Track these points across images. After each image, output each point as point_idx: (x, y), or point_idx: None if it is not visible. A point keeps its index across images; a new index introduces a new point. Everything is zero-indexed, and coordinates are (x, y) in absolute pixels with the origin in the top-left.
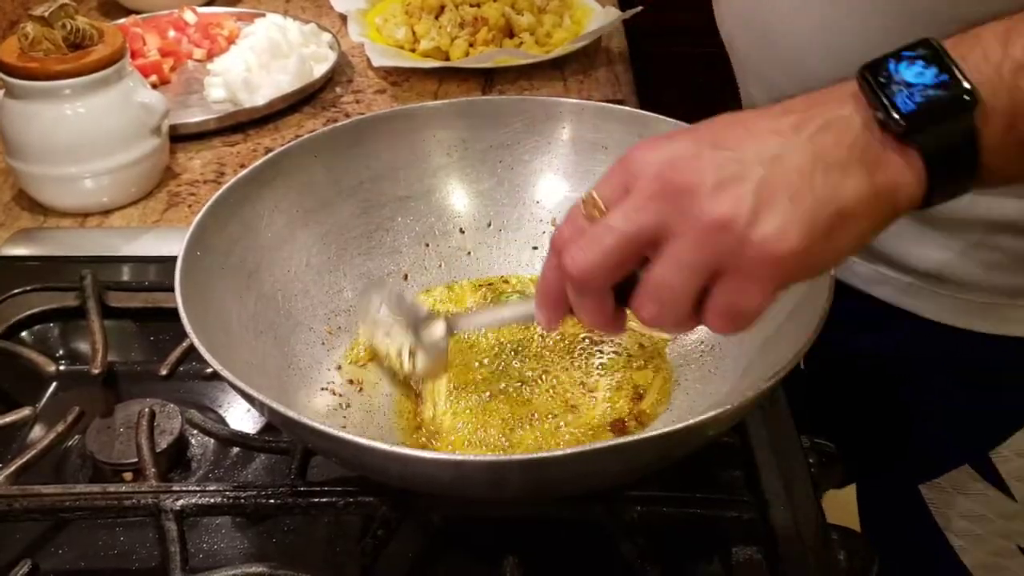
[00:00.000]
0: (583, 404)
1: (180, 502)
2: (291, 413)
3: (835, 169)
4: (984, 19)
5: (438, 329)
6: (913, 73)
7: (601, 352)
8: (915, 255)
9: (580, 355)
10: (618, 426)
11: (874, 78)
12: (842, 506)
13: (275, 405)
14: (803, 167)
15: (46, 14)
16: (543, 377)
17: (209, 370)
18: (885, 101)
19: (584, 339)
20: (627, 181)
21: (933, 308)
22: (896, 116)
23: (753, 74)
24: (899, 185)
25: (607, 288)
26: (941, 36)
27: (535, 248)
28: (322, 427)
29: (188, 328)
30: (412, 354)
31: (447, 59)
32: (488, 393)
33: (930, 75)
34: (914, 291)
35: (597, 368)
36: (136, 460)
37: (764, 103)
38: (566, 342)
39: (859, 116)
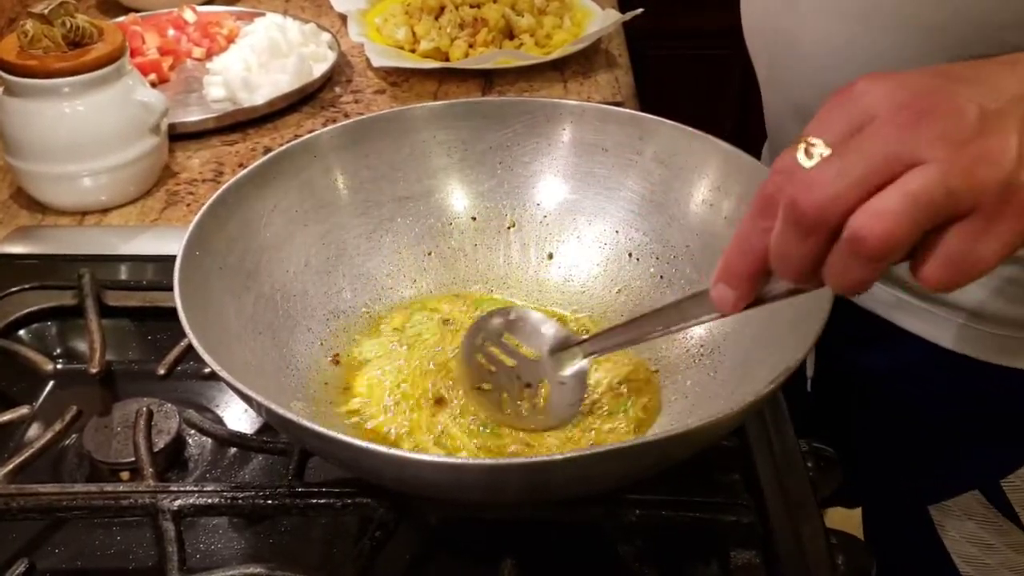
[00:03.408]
0: None
1: (177, 502)
2: (288, 414)
3: None
4: (1012, 43)
5: (574, 360)
6: None
7: None
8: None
9: None
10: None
11: None
12: (842, 513)
13: (272, 406)
14: None
15: (46, 12)
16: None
17: (207, 370)
18: None
19: None
20: (859, 118)
21: (949, 337)
22: None
23: (776, 85)
24: None
25: (841, 226)
26: (966, 56)
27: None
28: (319, 428)
29: (187, 328)
30: (537, 391)
31: (447, 60)
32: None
33: None
34: (926, 316)
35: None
36: (133, 460)
37: (786, 114)
38: None
39: None
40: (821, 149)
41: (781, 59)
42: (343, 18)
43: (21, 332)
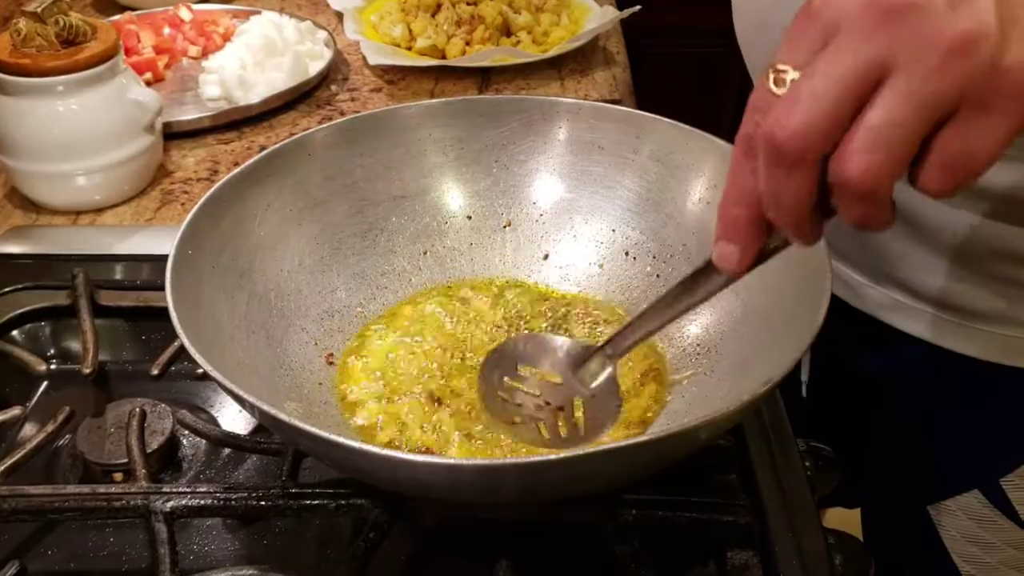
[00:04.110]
0: None
1: (170, 503)
2: (281, 415)
3: None
4: None
5: (599, 369)
6: None
7: None
8: (928, 283)
9: None
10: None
11: None
12: (840, 513)
13: (265, 407)
14: None
15: (39, 10)
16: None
17: (201, 370)
18: None
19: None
20: (824, 32)
21: (945, 337)
22: None
23: None
24: None
25: (823, 157)
26: None
27: (545, 256)
28: (311, 429)
29: (178, 328)
30: (572, 412)
31: (443, 57)
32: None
33: None
34: (926, 318)
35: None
36: (126, 461)
37: None
38: None
39: None
40: (791, 75)
41: (770, 53)
42: (339, 16)
43: (14, 332)
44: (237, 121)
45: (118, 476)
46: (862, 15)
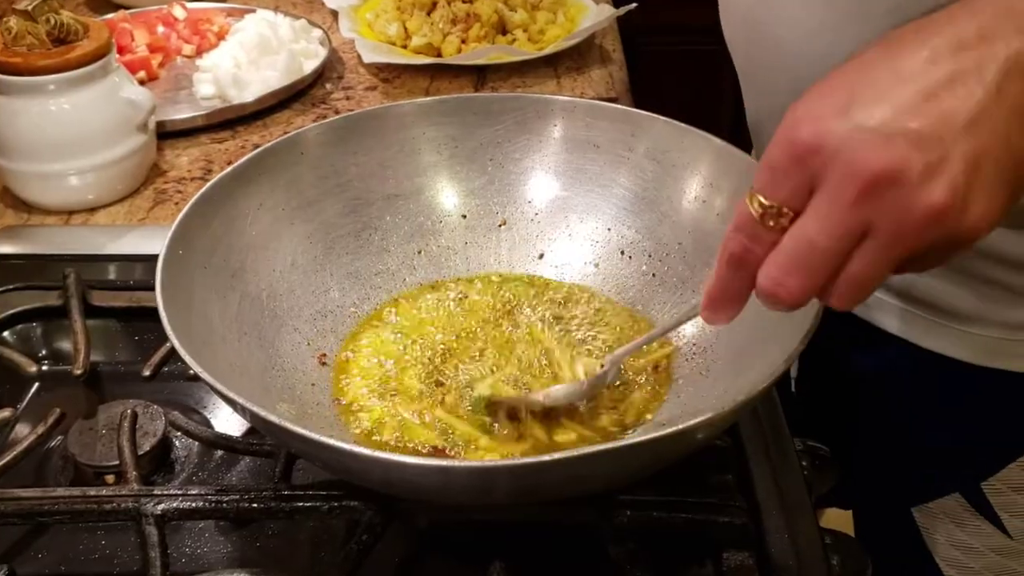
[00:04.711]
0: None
1: (161, 506)
2: (271, 417)
3: None
4: None
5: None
6: None
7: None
8: (910, 282)
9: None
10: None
11: None
12: (838, 513)
13: (255, 408)
14: (999, 128)
15: (30, 8)
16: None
17: (193, 371)
18: None
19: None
20: (810, 176)
21: (929, 338)
22: None
23: (753, 78)
24: None
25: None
26: None
27: (541, 255)
28: (302, 431)
29: (168, 329)
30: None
31: (439, 56)
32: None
33: None
34: (908, 317)
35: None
36: (118, 462)
37: (763, 108)
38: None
39: None
40: (776, 208)
41: (757, 51)
42: (334, 14)
43: (5, 333)
44: (231, 120)
45: (110, 478)
46: (847, 182)
